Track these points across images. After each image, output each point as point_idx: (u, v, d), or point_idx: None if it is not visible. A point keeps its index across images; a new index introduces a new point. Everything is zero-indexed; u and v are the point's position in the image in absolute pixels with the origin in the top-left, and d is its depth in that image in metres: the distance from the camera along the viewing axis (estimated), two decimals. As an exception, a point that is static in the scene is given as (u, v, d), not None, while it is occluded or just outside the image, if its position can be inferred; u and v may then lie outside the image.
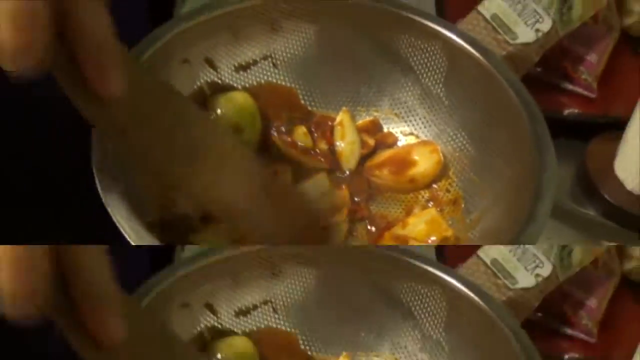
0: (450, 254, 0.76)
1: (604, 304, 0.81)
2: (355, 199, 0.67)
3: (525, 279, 0.72)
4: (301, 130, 0.69)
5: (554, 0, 0.75)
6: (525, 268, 0.72)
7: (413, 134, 0.70)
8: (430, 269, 0.64)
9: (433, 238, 0.62)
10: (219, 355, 0.65)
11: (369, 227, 0.65)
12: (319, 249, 0.66)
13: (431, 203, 0.66)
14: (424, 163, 0.67)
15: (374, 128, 0.70)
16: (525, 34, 0.76)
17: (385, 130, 0.71)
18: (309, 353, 0.70)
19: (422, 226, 0.63)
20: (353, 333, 0.70)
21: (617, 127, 0.75)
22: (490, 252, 0.74)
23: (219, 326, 0.67)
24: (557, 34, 0.77)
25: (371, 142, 0.69)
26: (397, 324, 0.68)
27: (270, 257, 0.66)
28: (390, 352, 0.69)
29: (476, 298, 0.61)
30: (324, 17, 0.69)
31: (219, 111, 0.66)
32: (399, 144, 0.70)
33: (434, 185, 0.67)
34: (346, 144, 0.69)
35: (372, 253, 0.65)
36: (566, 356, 0.78)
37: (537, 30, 0.75)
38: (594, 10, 0.80)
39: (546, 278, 0.72)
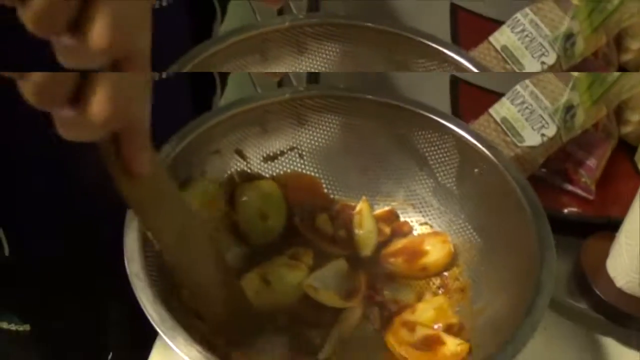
0: (464, 111, 0.84)
1: (602, 164, 0.87)
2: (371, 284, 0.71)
3: (531, 138, 0.79)
4: (323, 218, 0.74)
5: (559, 108, 0.80)
6: (532, 128, 0.79)
7: (427, 224, 0.75)
8: (445, 122, 0.70)
9: (439, 325, 0.65)
10: (245, 198, 0.71)
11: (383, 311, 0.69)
12: (344, 98, 0.73)
13: (441, 290, 0.70)
14: (435, 253, 0.71)
15: (391, 217, 0.75)
16: (531, 138, 0.80)
17: (401, 219, 0.76)
18: (332, 196, 0.76)
19: (430, 313, 0.66)
20: (372, 180, 0.76)
21: (611, 227, 0.78)
22: (501, 111, 0.81)
23: (248, 170, 0.73)
24: (561, 139, 0.82)
25: (387, 230, 0.74)
26: (412, 172, 0.75)
27: (297, 106, 0.72)
28: (404, 198, 0.75)
29: (486, 151, 0.67)
30: (347, 112, 0.74)
31: (245, 198, 0.72)
32: (414, 232, 0.75)
33: (445, 273, 0.71)
34: (364, 232, 0.73)
35: (394, 106, 0.71)
36: (566, 210, 0.84)
37: (543, 135, 0.80)
38: (595, 119, 0.86)
39: (551, 138, 0.79)
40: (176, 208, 0.56)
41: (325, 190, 0.76)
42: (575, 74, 0.81)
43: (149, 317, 0.53)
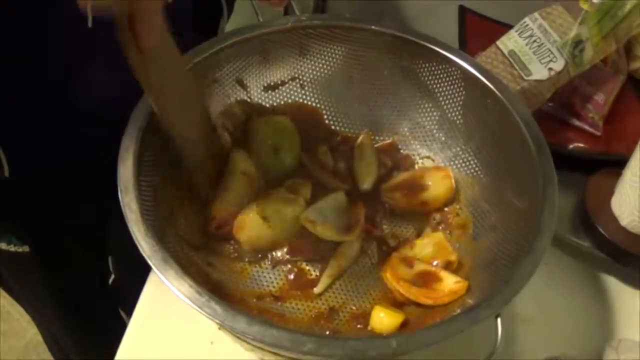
0: (471, 43, 0.84)
1: (610, 100, 0.86)
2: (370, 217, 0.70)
3: (539, 72, 0.78)
4: (323, 150, 0.72)
5: (568, 42, 0.78)
6: (540, 61, 0.78)
7: (429, 158, 0.73)
8: (449, 54, 0.69)
9: (438, 261, 0.65)
10: (259, 132, 0.71)
11: (382, 246, 0.69)
12: (349, 28, 0.71)
13: (442, 226, 0.69)
14: (436, 188, 0.70)
15: (392, 150, 0.74)
16: (539, 72, 0.78)
17: (403, 152, 0.74)
18: (333, 128, 0.76)
19: (429, 249, 0.66)
20: (375, 112, 0.75)
21: (618, 165, 0.77)
22: (509, 44, 0.80)
23: (248, 100, 0.73)
24: (569, 74, 0.79)
25: (389, 163, 0.73)
26: (417, 104, 0.74)
27: (299, 36, 0.71)
28: (407, 131, 0.75)
29: (491, 85, 0.66)
30: (350, 42, 0.72)
31: (259, 133, 0.71)
32: (416, 166, 0.74)
33: (445, 209, 0.70)
34: (364, 165, 0.72)
35: (398, 37, 0.70)
36: (571, 145, 0.83)
37: (551, 69, 0.78)
38: (604, 54, 0.83)
39: (558, 72, 0.78)
40: (182, 84, 0.60)
41: (327, 122, 0.75)
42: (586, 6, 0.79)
43: (140, 250, 0.52)
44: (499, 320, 0.54)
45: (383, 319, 0.61)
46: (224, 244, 0.66)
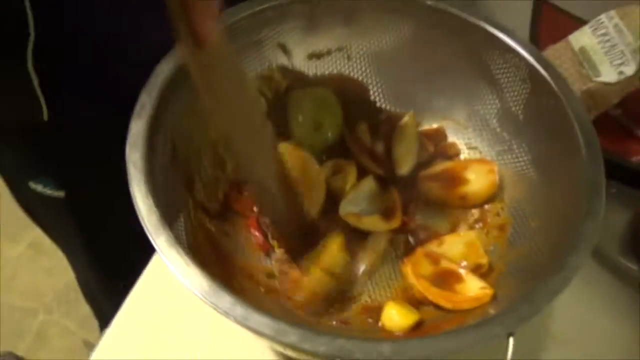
0: (543, 35, 0.80)
1: None
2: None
3: (608, 74, 0.71)
4: (362, 127, 0.68)
5: None
6: (611, 63, 0.72)
7: (477, 149, 0.68)
8: (511, 41, 0.63)
9: (466, 263, 0.60)
10: (298, 105, 0.67)
11: (410, 238, 0.64)
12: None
13: (479, 224, 0.64)
14: (478, 182, 0.64)
15: (438, 136, 0.68)
16: (608, 74, 0.71)
17: (449, 140, 0.69)
18: (377, 105, 0.70)
19: (459, 247, 0.61)
20: (425, 93, 0.70)
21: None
22: (581, 40, 0.74)
23: (289, 66, 0.68)
24: None
25: (431, 149, 0.67)
26: (478, 92, 0.67)
27: (351, 2, 0.66)
28: (463, 118, 0.69)
29: (552, 82, 0.60)
30: (408, 17, 0.66)
31: (299, 105, 0.67)
32: (461, 157, 0.68)
33: (485, 207, 0.65)
34: (404, 149, 0.67)
35: (462, 19, 0.64)
36: (634, 158, 0.75)
37: (621, 73, 0.70)
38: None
39: (629, 77, 0.71)
40: (234, 80, 0.53)
41: (372, 98, 0.70)
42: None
43: (137, 210, 0.50)
44: (511, 339, 0.48)
45: (394, 316, 0.57)
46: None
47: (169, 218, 0.51)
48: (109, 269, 0.95)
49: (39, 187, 0.82)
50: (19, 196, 0.91)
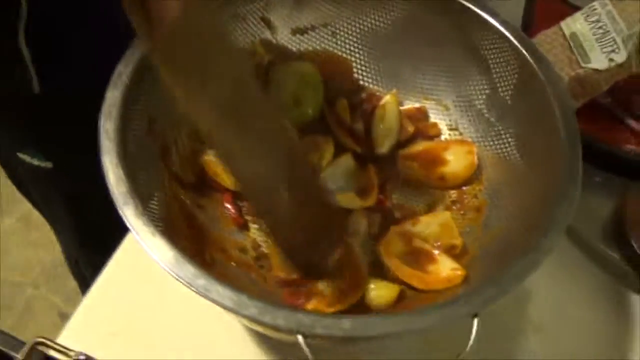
0: (537, 20, 0.80)
1: None
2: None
3: (598, 61, 0.70)
4: (342, 104, 0.67)
5: (635, 34, 0.69)
6: (602, 50, 0.71)
7: (457, 130, 0.67)
8: (496, 23, 0.62)
9: (439, 243, 0.59)
10: (279, 80, 0.65)
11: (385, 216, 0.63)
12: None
13: (456, 205, 0.63)
14: (456, 163, 0.64)
15: (419, 116, 0.68)
16: (598, 60, 0.70)
17: (431, 120, 0.68)
18: (360, 83, 0.69)
19: (433, 228, 0.60)
20: (409, 72, 0.69)
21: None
22: (573, 26, 0.73)
23: (273, 41, 0.67)
24: (630, 69, 0.70)
25: (411, 129, 0.67)
26: (464, 72, 0.66)
27: None
28: (447, 98, 0.68)
29: (542, 77, 0.59)
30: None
31: (281, 80, 0.66)
32: (442, 137, 0.67)
33: (464, 188, 0.64)
34: (383, 128, 0.66)
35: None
36: (626, 146, 0.74)
37: (611, 60, 0.69)
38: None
39: (619, 65, 0.70)
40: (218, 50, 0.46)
41: (355, 75, 0.69)
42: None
43: (107, 180, 0.50)
44: (475, 320, 0.48)
45: (373, 291, 0.57)
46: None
47: (141, 189, 0.51)
48: (95, 244, 0.95)
49: (27, 158, 0.82)
50: (9, 168, 0.92)
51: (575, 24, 0.73)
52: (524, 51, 0.61)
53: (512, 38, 0.61)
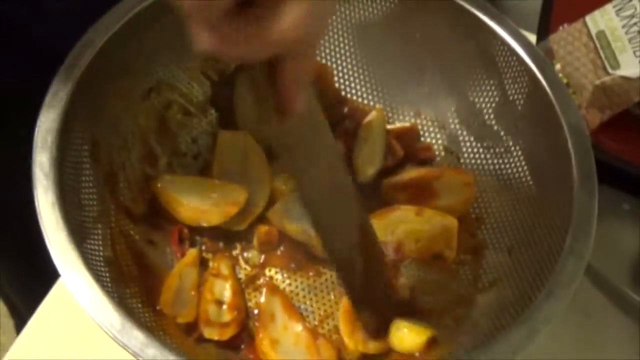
0: (558, 12, 0.67)
1: None
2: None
3: (629, 66, 0.59)
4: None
5: None
6: (634, 53, 0.59)
7: (453, 153, 0.57)
8: (508, 37, 0.52)
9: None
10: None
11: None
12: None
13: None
14: (451, 196, 0.54)
15: (411, 136, 0.58)
16: (629, 65, 0.58)
17: (423, 141, 0.59)
18: (342, 94, 0.62)
19: (435, 227, 0.53)
20: (400, 84, 0.60)
21: None
22: (601, 22, 0.62)
23: None
24: None
25: (400, 153, 0.57)
26: (464, 82, 0.57)
27: None
28: (451, 114, 0.59)
29: (555, 104, 0.49)
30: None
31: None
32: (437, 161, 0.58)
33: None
34: (367, 152, 0.57)
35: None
36: None
37: (646, 66, 0.58)
38: None
39: None
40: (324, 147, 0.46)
41: (337, 85, 0.60)
42: None
43: (40, 222, 0.42)
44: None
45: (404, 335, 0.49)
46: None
47: (81, 229, 0.45)
48: (20, 265, 0.88)
49: None
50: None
51: (604, 19, 0.61)
52: (528, 61, 0.51)
53: (512, 42, 0.52)
